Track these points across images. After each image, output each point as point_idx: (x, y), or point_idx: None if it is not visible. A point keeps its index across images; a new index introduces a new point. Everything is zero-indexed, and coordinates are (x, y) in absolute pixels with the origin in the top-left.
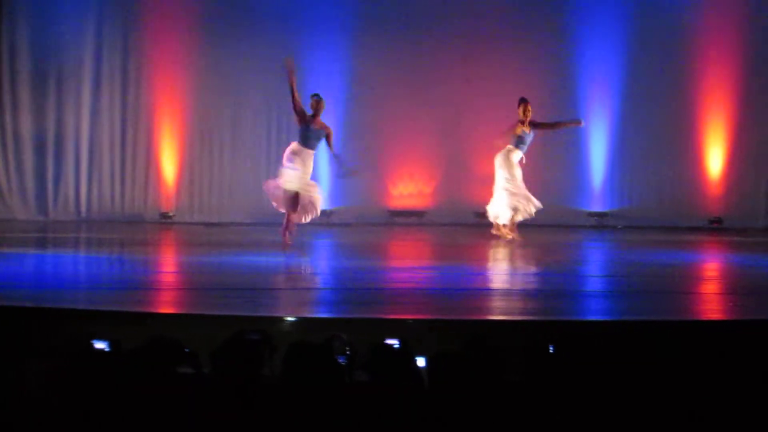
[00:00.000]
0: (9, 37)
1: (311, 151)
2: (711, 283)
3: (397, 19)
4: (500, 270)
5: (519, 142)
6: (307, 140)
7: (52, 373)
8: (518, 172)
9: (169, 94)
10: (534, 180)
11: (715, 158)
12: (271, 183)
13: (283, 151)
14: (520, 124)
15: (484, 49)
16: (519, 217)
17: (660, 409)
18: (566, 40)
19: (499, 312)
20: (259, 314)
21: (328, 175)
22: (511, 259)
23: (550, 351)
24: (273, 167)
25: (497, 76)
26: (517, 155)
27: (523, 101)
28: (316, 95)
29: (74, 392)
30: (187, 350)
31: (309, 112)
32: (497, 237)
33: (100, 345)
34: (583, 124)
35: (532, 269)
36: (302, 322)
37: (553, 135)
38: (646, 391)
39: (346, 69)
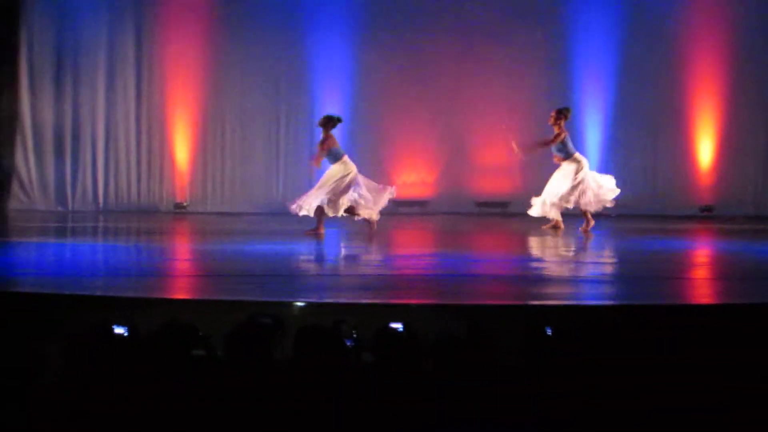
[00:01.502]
0: (27, 32)
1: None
2: (702, 269)
3: (399, 15)
4: (499, 257)
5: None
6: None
7: (72, 357)
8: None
9: (182, 88)
10: (533, 171)
11: (705, 149)
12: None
13: (292, 144)
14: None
15: (483, 43)
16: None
17: (653, 390)
18: (561, 33)
19: (498, 297)
20: (270, 299)
21: None
22: (511, 246)
23: (548, 334)
24: (282, 159)
25: (495, 69)
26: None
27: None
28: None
29: (92, 375)
30: (201, 334)
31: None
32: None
33: (118, 330)
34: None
35: (531, 256)
36: (311, 306)
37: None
38: (639, 372)
39: (350, 64)
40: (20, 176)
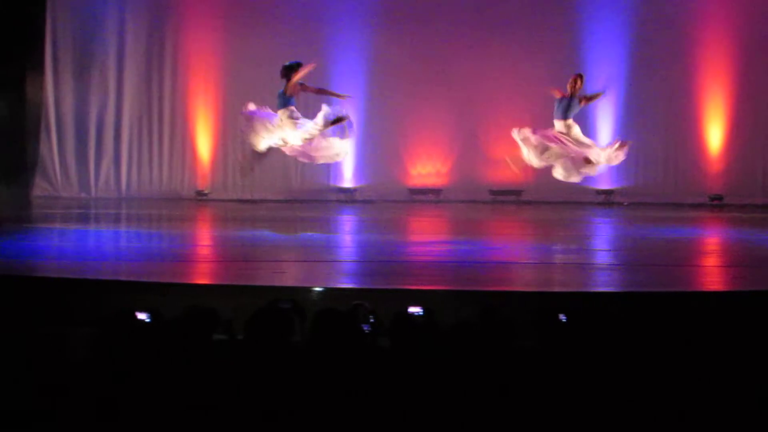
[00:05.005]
0: (52, 22)
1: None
2: (712, 257)
3: (415, 6)
4: (513, 244)
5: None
6: None
7: (96, 342)
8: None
9: (204, 78)
10: None
11: (715, 138)
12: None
13: None
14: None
15: (496, 33)
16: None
17: (665, 376)
18: (573, 22)
19: (512, 283)
20: (289, 284)
21: (352, 154)
22: (524, 233)
23: (562, 320)
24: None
25: (509, 59)
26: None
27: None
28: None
29: (115, 358)
30: (222, 318)
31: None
32: None
33: (141, 316)
34: None
35: (544, 243)
36: (329, 291)
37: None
38: (650, 357)
39: (367, 54)
40: (44, 164)
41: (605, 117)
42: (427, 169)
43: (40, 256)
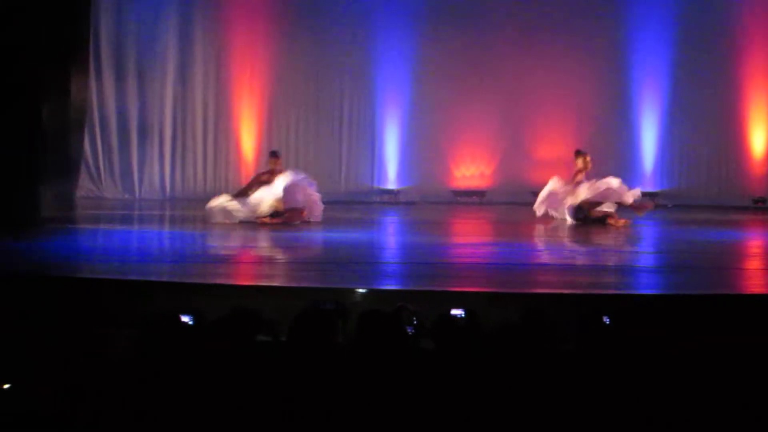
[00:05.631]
0: (96, 25)
1: None
2: (755, 260)
3: (460, 9)
4: (556, 246)
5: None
6: None
7: (140, 343)
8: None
9: (248, 79)
10: (591, 162)
11: (759, 141)
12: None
13: (354, 134)
14: (580, 174)
15: (540, 37)
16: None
17: (708, 377)
18: (617, 27)
19: (556, 285)
20: (332, 285)
21: (395, 155)
22: (566, 236)
23: (605, 323)
24: (345, 149)
25: (553, 63)
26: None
27: (582, 154)
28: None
29: (160, 359)
30: (265, 319)
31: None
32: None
33: (185, 318)
34: None
35: (588, 245)
36: (372, 293)
37: (607, 121)
38: (695, 361)
39: (412, 56)
40: (89, 165)
41: (650, 120)
42: (470, 170)
43: (83, 257)
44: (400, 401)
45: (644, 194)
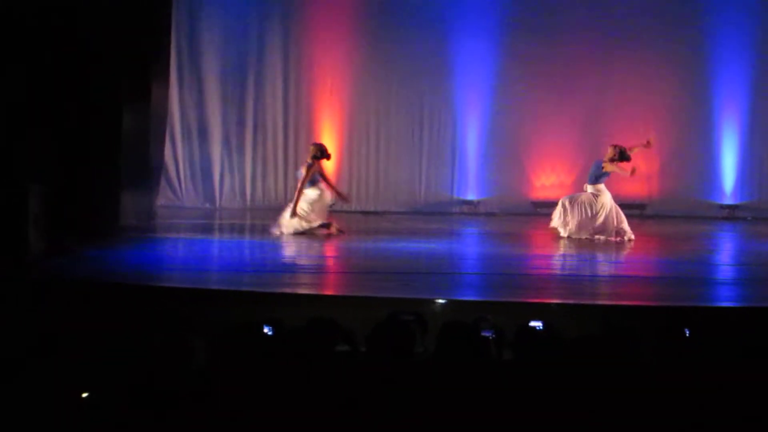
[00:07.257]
0: (176, 35)
1: None
2: None
3: (540, 20)
4: (635, 258)
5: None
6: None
7: (220, 352)
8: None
9: (328, 89)
10: (670, 174)
11: None
12: None
13: (435, 144)
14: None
15: (622, 51)
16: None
17: None
18: (697, 38)
19: (636, 298)
20: (412, 296)
21: (475, 166)
22: (645, 248)
23: (686, 335)
24: (425, 159)
25: (634, 76)
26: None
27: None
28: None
29: (240, 369)
30: (344, 329)
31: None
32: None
33: (265, 329)
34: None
35: (668, 257)
36: (451, 303)
37: (686, 134)
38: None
39: (491, 66)
40: (169, 174)
41: (730, 133)
42: (551, 181)
43: (164, 266)
44: (480, 412)
45: (724, 207)
